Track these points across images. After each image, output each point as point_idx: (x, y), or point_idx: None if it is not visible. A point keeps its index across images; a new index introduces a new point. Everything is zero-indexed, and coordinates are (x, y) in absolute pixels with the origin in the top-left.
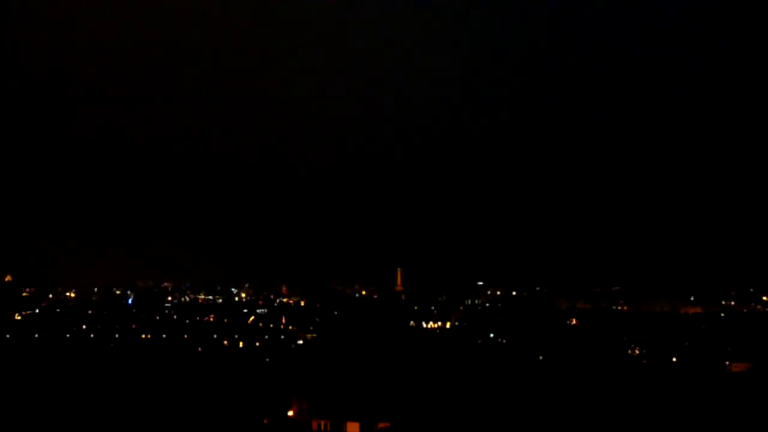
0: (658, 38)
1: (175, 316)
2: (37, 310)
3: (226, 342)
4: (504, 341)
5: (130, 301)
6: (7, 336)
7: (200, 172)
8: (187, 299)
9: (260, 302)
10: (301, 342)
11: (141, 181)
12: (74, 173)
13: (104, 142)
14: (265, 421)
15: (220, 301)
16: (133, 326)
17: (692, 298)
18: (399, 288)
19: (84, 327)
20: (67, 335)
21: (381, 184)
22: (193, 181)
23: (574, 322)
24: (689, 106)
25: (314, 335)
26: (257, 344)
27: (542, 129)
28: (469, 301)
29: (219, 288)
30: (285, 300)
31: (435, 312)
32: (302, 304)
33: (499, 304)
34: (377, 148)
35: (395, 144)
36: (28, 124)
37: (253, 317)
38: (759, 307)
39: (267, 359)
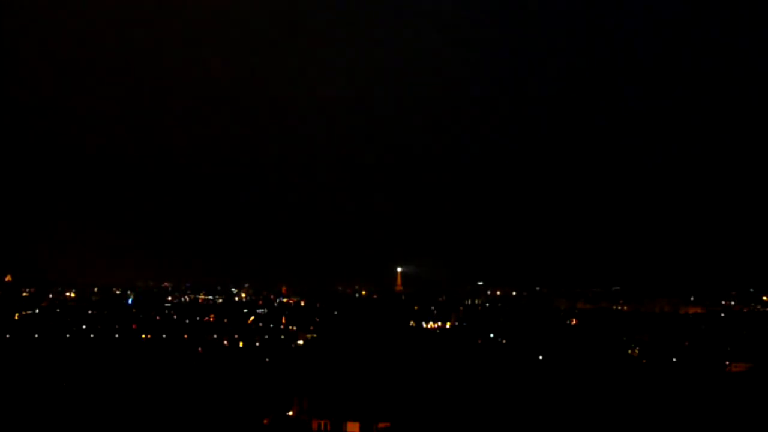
0: (659, 38)
1: (175, 316)
2: (37, 310)
3: (226, 342)
4: (504, 341)
5: (130, 301)
6: (7, 336)
7: (200, 172)
8: (187, 299)
9: (260, 302)
10: (301, 342)
11: (141, 181)
12: (74, 173)
13: (105, 142)
14: (266, 420)
15: (220, 301)
16: (133, 326)
17: (692, 298)
18: (399, 288)
19: (84, 327)
20: (67, 335)
21: (381, 185)
22: (193, 181)
23: (574, 322)
24: (689, 107)
25: (314, 335)
26: (257, 344)
27: (542, 129)
28: (469, 301)
29: (219, 288)
30: (285, 300)
31: (435, 312)
32: (302, 304)
33: (499, 304)
34: (377, 148)
35: (395, 144)
36: (28, 124)
37: (253, 317)
38: (759, 307)
39: (267, 359)
